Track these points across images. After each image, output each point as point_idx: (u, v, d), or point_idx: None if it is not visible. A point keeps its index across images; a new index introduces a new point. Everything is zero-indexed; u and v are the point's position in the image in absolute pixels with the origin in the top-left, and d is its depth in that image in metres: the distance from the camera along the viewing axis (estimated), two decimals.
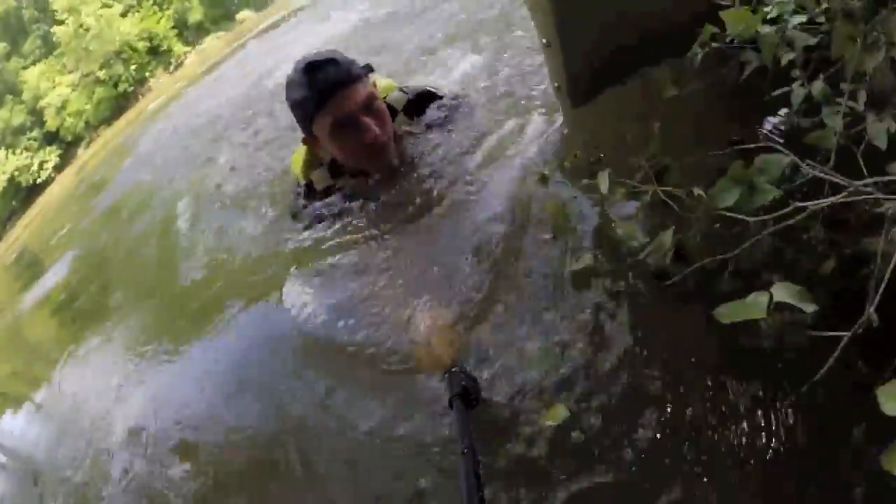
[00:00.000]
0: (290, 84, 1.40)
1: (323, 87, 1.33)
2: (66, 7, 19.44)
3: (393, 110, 1.50)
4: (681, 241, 0.77)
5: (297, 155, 1.60)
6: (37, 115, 20.70)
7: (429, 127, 1.53)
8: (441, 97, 1.58)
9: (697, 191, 0.71)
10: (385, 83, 1.57)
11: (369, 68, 1.41)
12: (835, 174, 0.61)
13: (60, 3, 19.52)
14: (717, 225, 0.75)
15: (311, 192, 1.54)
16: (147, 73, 20.72)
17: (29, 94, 20.70)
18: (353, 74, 1.35)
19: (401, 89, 1.58)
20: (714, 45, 0.91)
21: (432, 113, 1.54)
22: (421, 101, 1.56)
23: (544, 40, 1.21)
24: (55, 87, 19.81)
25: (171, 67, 20.74)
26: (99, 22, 19.40)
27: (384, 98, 1.47)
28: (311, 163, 1.55)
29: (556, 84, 1.29)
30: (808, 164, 0.63)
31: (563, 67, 1.20)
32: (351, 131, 1.36)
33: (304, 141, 1.47)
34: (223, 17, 22.01)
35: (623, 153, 0.97)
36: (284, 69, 1.53)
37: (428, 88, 1.61)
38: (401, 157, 1.47)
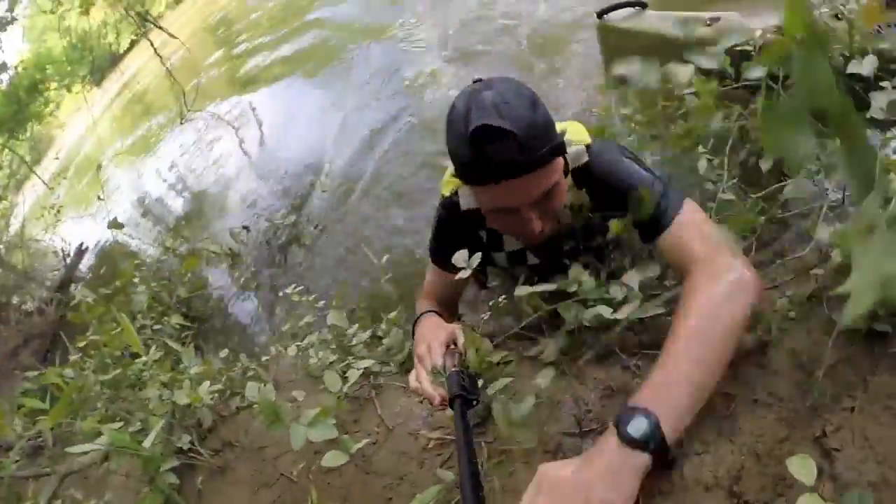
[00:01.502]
0: (453, 129, 1.06)
1: (492, 167, 1.02)
2: None
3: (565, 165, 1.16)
4: None
5: (448, 177, 1.35)
6: None
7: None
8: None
9: None
10: (578, 134, 1.24)
11: (563, 148, 1.08)
12: None
13: None
14: None
15: (452, 206, 1.31)
16: None
17: None
18: (536, 161, 1.02)
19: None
20: None
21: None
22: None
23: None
24: None
25: None
26: None
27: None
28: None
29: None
30: None
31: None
32: (510, 218, 1.12)
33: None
34: None
35: None
36: None
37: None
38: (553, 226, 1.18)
